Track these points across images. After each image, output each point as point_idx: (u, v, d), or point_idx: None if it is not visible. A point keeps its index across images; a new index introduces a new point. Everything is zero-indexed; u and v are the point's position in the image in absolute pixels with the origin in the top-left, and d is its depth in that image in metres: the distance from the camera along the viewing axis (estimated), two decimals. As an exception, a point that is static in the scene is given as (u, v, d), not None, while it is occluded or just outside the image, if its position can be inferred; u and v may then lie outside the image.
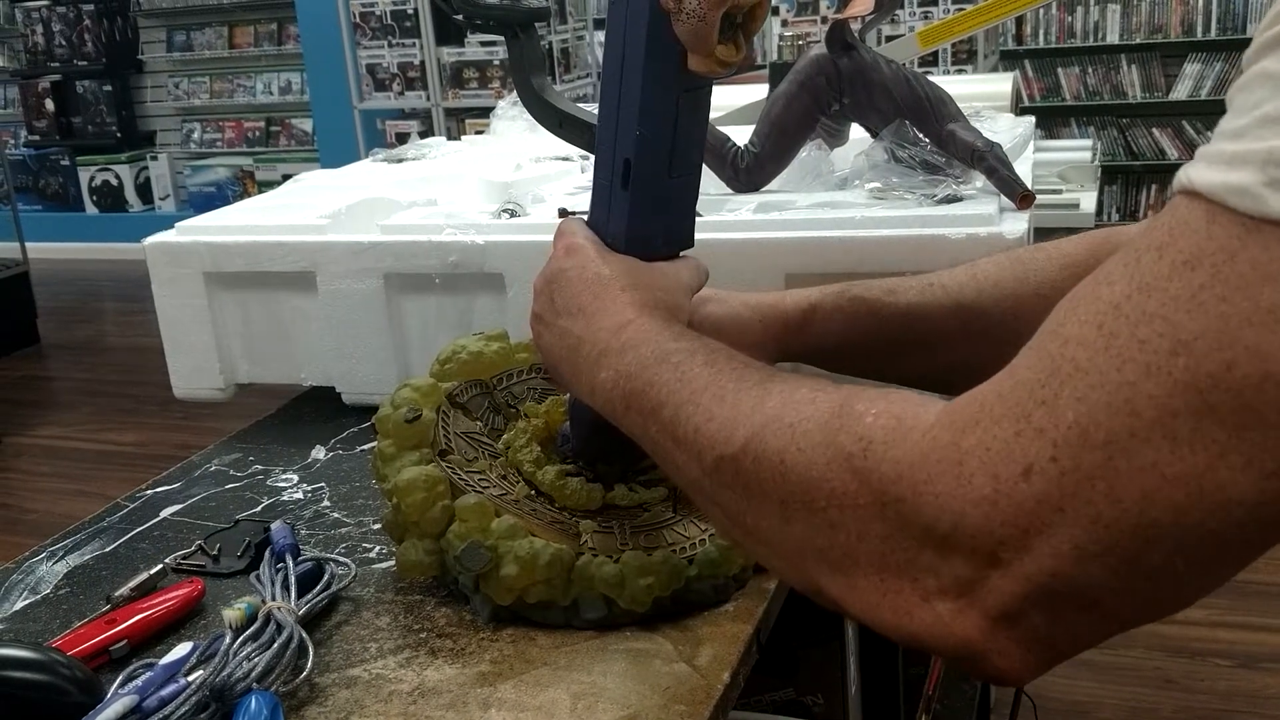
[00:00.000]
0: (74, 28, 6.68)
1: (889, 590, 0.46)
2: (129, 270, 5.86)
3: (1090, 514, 0.41)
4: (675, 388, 0.59)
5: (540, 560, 0.76)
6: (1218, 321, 0.38)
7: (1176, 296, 0.39)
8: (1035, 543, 0.42)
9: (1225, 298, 0.38)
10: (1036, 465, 0.41)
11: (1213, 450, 0.39)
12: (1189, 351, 0.39)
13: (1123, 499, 0.40)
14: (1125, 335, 0.40)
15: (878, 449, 0.47)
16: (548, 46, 5.01)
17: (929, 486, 0.44)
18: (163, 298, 1.22)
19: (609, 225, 0.75)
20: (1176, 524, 0.40)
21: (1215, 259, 0.39)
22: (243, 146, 6.69)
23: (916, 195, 1.10)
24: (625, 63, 0.71)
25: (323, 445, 1.13)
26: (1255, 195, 0.38)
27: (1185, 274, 0.39)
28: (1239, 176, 0.39)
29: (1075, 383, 0.41)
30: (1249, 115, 0.39)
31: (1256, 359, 0.38)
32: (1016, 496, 0.42)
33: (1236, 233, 0.39)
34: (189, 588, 0.85)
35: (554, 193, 1.27)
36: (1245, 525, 0.40)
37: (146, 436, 3.97)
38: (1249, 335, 0.38)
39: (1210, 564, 0.41)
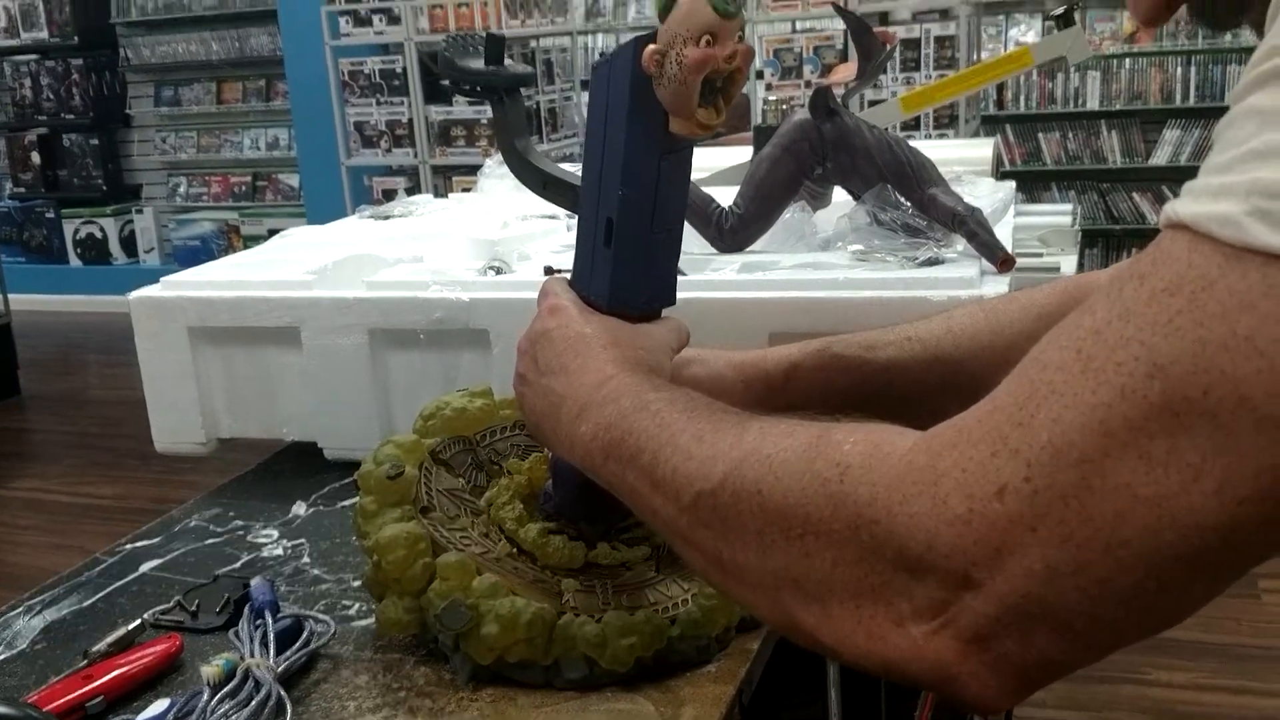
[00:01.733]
0: (62, 81, 6.72)
1: (864, 616, 0.46)
2: (112, 323, 5.85)
3: (1062, 533, 0.41)
4: (654, 433, 0.60)
5: (521, 619, 0.76)
6: (1194, 346, 0.39)
7: (1154, 321, 0.40)
8: (1008, 562, 0.42)
9: (1202, 324, 0.39)
10: (1010, 485, 0.42)
11: (1186, 473, 0.39)
12: (1165, 375, 0.39)
13: (1095, 518, 0.41)
14: (1102, 359, 0.41)
15: (855, 473, 0.47)
16: (535, 106, 5.07)
17: (904, 507, 0.45)
18: (146, 352, 1.22)
19: (592, 282, 0.76)
20: (1148, 545, 0.40)
21: (1194, 286, 0.40)
22: (229, 201, 6.71)
23: (898, 258, 1.11)
24: (609, 124, 0.72)
25: (303, 501, 1.13)
26: (1237, 224, 0.39)
27: (1164, 300, 0.40)
28: (1223, 207, 0.39)
29: (1051, 404, 0.42)
30: (1235, 150, 0.40)
31: (1231, 385, 0.38)
32: (990, 516, 0.42)
33: (1217, 261, 0.39)
34: (167, 643, 0.84)
35: (540, 250, 1.27)
36: (1216, 550, 0.40)
37: (126, 490, 3.94)
38: (1225, 361, 0.38)
39: (1181, 588, 0.42)
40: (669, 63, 0.67)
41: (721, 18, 0.66)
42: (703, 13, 0.66)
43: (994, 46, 5.53)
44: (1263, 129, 0.39)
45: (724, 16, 0.66)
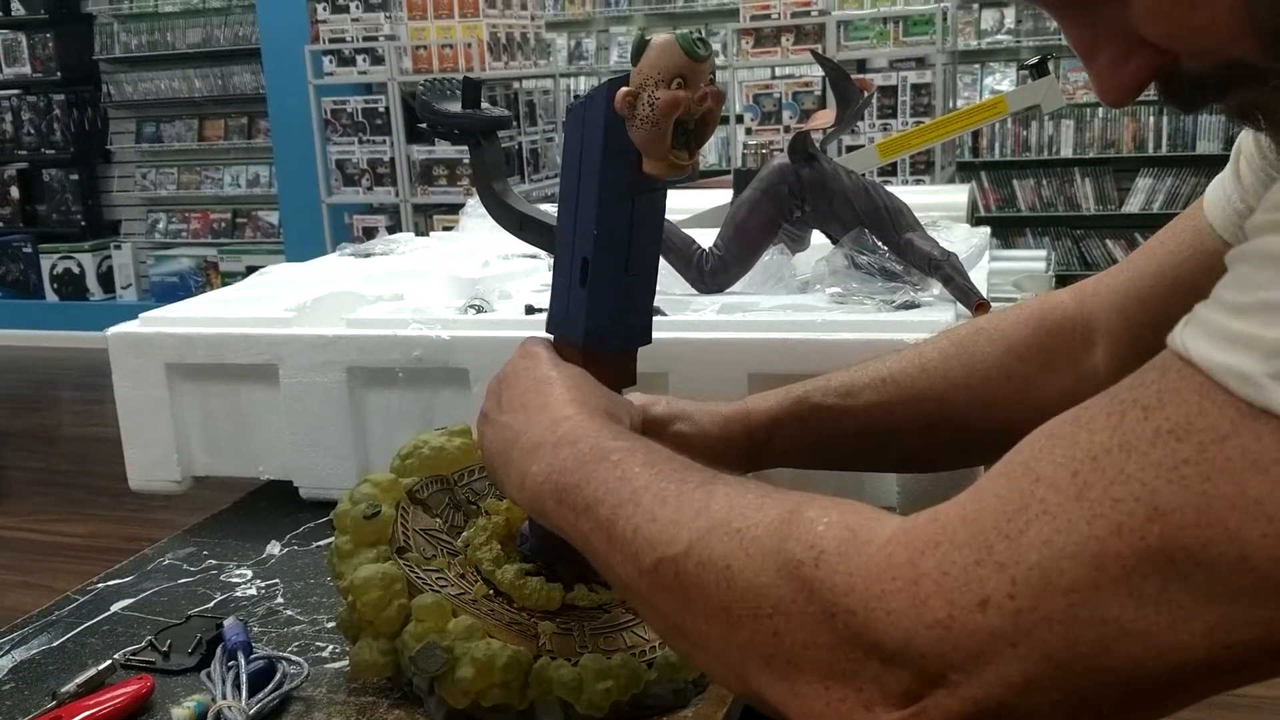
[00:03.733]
0: (44, 116, 6.71)
1: (833, 699, 0.46)
2: (87, 359, 5.81)
3: (1044, 652, 0.41)
4: (614, 486, 0.59)
5: (497, 662, 0.75)
6: (1199, 499, 0.39)
7: (1159, 464, 0.40)
8: (985, 671, 0.42)
9: (1210, 478, 0.39)
10: (994, 600, 0.42)
11: (1177, 614, 0.39)
12: (1165, 521, 0.39)
13: (1079, 645, 0.41)
14: (1099, 490, 0.41)
15: (830, 560, 0.46)
16: (518, 147, 5.09)
17: (882, 603, 0.44)
18: (123, 388, 1.22)
19: (568, 321, 0.76)
20: (1131, 673, 0.40)
21: (1204, 437, 0.39)
22: (208, 238, 6.70)
23: (875, 301, 1.12)
24: (583, 165, 0.73)
25: (278, 541, 1.12)
26: (1258, 385, 0.38)
27: (1170, 443, 0.40)
28: (1240, 361, 0.39)
29: (1042, 525, 0.42)
30: (1254, 294, 0.40)
31: (1235, 543, 0.38)
32: (971, 626, 0.42)
33: (1230, 415, 0.39)
34: (138, 685, 0.83)
35: (521, 290, 1.28)
36: (1200, 678, 0.41)
37: (97, 529, 3.89)
38: (1231, 519, 0.38)
39: (1159, 704, 0.42)
40: (641, 104, 0.68)
41: (692, 61, 0.67)
42: (674, 56, 0.67)
43: (969, 95, 5.60)
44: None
45: (695, 60, 0.67)
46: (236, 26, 6.29)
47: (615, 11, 6.34)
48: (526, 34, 5.17)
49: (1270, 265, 0.40)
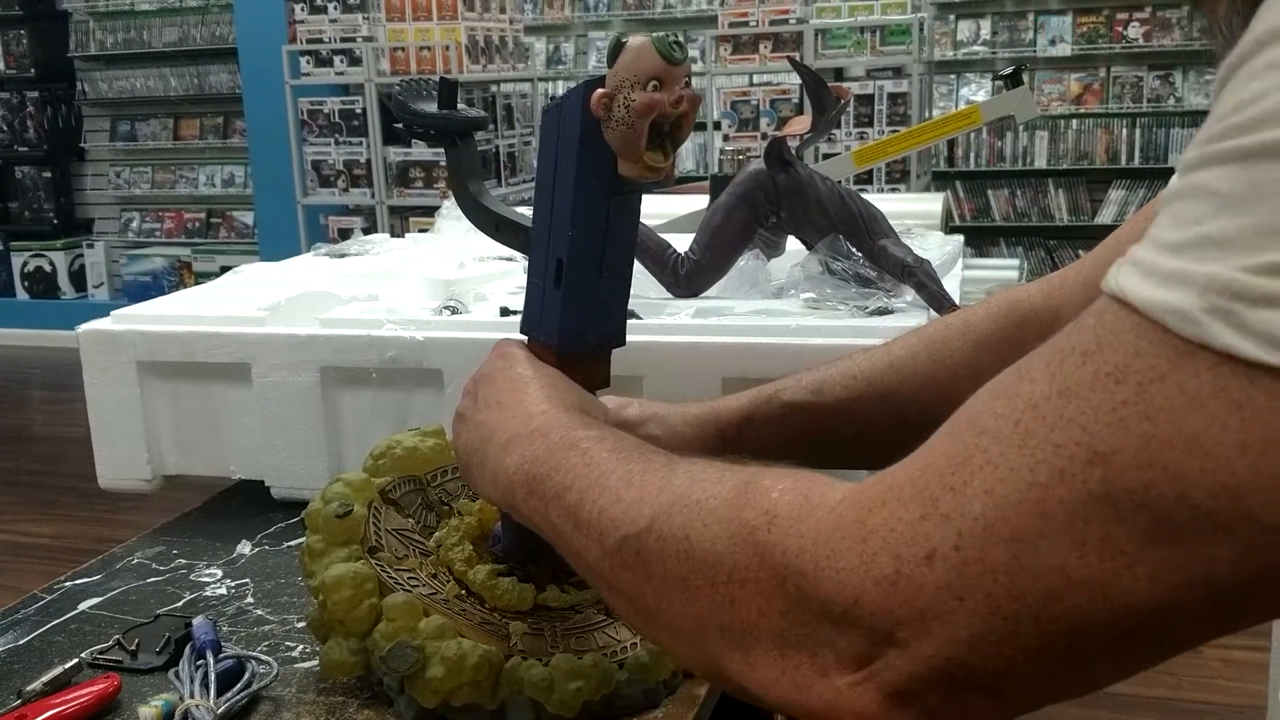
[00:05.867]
0: (17, 114, 6.65)
1: (788, 666, 0.46)
2: (57, 358, 5.76)
3: (990, 605, 0.41)
4: (581, 472, 0.59)
5: (468, 662, 0.75)
6: (1139, 440, 0.39)
7: (1098, 408, 0.39)
8: (933, 627, 0.42)
9: (1149, 418, 0.38)
10: (940, 551, 0.42)
11: (1120, 560, 0.39)
12: (1106, 464, 0.39)
13: (1025, 595, 0.40)
14: (1040, 437, 0.41)
15: (782, 524, 0.47)
16: (495, 150, 5.08)
17: (831, 562, 0.44)
18: (94, 386, 1.21)
19: (543, 323, 0.76)
20: (1078, 623, 0.40)
21: (1142, 377, 0.39)
22: (182, 237, 6.65)
23: (849, 306, 1.12)
24: (558, 167, 0.73)
25: (249, 540, 1.11)
26: (1195, 321, 0.38)
27: (1110, 386, 0.39)
28: (1177, 297, 0.38)
29: (985, 475, 0.42)
30: (1188, 230, 0.39)
31: (1175, 481, 0.38)
32: (917, 580, 0.42)
33: (1168, 354, 0.38)
34: (105, 683, 0.82)
35: (496, 291, 1.28)
36: (1149, 629, 0.41)
37: (65, 529, 3.86)
38: (1169, 458, 0.38)
39: (1112, 659, 0.42)
40: (617, 106, 0.68)
41: (668, 64, 0.68)
42: (650, 58, 0.68)
43: (945, 104, 5.64)
44: (1218, 213, 0.38)
45: (670, 63, 0.68)
46: (213, 26, 6.25)
47: (594, 16, 6.35)
48: (505, 37, 5.17)
49: (1202, 199, 0.39)
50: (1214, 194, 0.38)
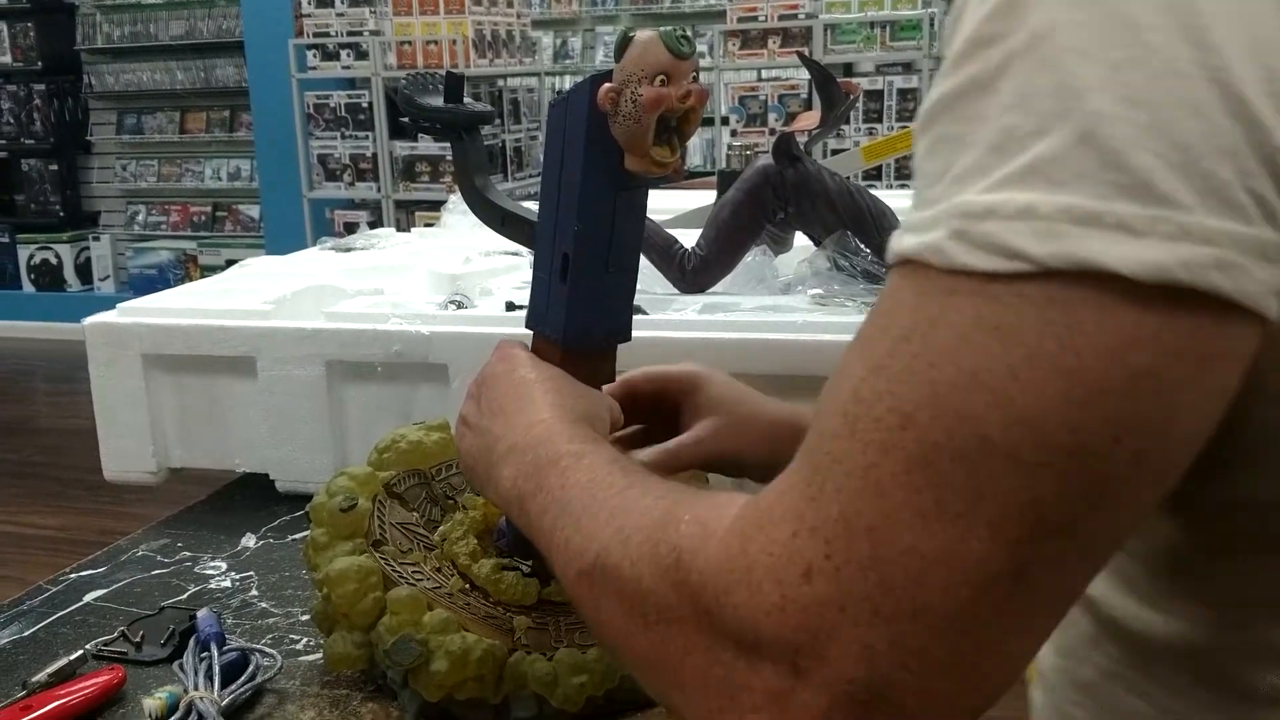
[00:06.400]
0: (24, 106, 6.66)
1: (713, 708, 0.44)
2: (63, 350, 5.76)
3: (869, 608, 0.40)
4: (557, 495, 0.58)
5: (472, 656, 0.75)
6: (929, 389, 0.38)
7: (900, 371, 0.39)
8: (827, 648, 0.40)
9: (934, 364, 0.38)
10: (814, 565, 0.40)
11: (959, 524, 0.38)
12: (913, 424, 0.39)
13: (894, 587, 0.39)
14: (864, 418, 0.40)
15: (686, 559, 0.45)
16: (501, 145, 5.08)
17: (728, 597, 0.43)
18: (99, 379, 1.21)
19: (548, 317, 0.76)
20: (950, 606, 0.39)
21: (924, 327, 0.39)
22: (188, 231, 6.66)
23: (857, 303, 1.12)
24: (565, 161, 0.73)
25: (253, 533, 1.11)
26: (940, 249, 0.39)
27: (903, 346, 0.39)
28: (931, 236, 0.39)
29: (834, 474, 0.41)
30: (940, 181, 0.40)
31: (969, 424, 0.38)
32: (801, 601, 0.40)
33: (937, 298, 0.39)
34: (109, 675, 0.82)
35: (502, 286, 1.28)
36: (1016, 597, 0.39)
37: (71, 521, 3.86)
38: (958, 400, 0.38)
39: (998, 645, 0.40)
40: (624, 101, 0.68)
41: (676, 58, 0.67)
42: (658, 53, 0.67)
43: (954, 101, 5.62)
44: (955, 155, 0.39)
45: (678, 57, 0.68)
46: (220, 19, 6.25)
47: (601, 10, 6.34)
48: (512, 31, 5.17)
49: (940, 150, 0.40)
50: (947, 140, 0.40)
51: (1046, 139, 0.37)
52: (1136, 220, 0.36)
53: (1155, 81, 0.37)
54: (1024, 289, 0.37)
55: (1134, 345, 0.37)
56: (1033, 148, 0.38)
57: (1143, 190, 0.36)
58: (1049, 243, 0.37)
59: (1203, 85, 0.36)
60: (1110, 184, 0.37)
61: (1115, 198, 0.36)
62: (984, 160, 0.39)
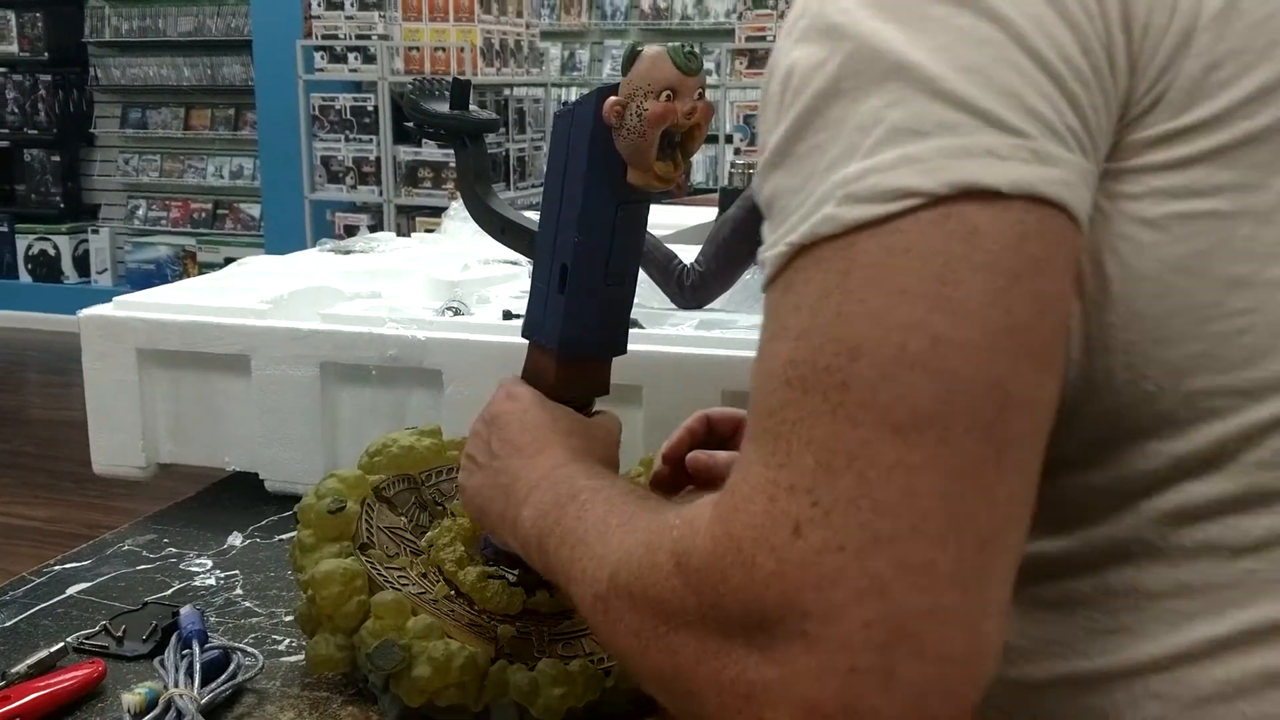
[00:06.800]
0: (29, 96, 6.66)
1: (732, 712, 0.44)
2: (58, 342, 5.75)
3: (868, 536, 0.41)
4: (573, 526, 0.59)
5: (454, 663, 0.75)
6: (867, 319, 0.43)
7: (830, 322, 0.43)
8: (834, 594, 0.41)
9: (863, 299, 0.43)
10: (802, 518, 0.42)
11: (936, 424, 0.41)
12: (863, 351, 0.42)
13: (888, 506, 0.41)
14: (811, 374, 0.43)
15: (681, 560, 0.47)
16: (505, 154, 5.09)
17: (726, 584, 0.44)
18: (93, 371, 1.21)
19: (544, 327, 0.76)
20: (946, 509, 0.41)
21: (836, 283, 0.44)
22: (187, 227, 6.66)
23: (853, 325, 1.12)
24: (567, 172, 0.73)
25: (240, 532, 1.11)
26: (834, 217, 0.44)
27: (824, 304, 0.44)
28: (819, 214, 0.44)
29: (797, 433, 0.43)
30: (802, 190, 0.45)
31: (917, 331, 0.42)
32: (796, 557, 0.41)
33: (841, 258, 0.44)
34: (89, 669, 0.82)
35: (500, 294, 1.28)
36: (1002, 484, 0.42)
37: (59, 513, 3.85)
38: (900, 315, 0.42)
39: (998, 541, 0.42)
40: (629, 115, 0.68)
41: (683, 74, 0.68)
42: (664, 68, 0.68)
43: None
44: (818, 160, 0.45)
45: (685, 73, 0.68)
46: (229, 17, 6.26)
47: (611, 24, 6.36)
48: (521, 41, 5.18)
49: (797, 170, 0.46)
50: (805, 156, 0.46)
51: (900, 108, 0.43)
52: (1000, 147, 0.43)
53: (976, 49, 0.43)
54: (921, 216, 0.42)
55: (1024, 239, 0.43)
56: (890, 117, 0.44)
57: (998, 124, 0.43)
58: (932, 176, 0.42)
59: (1010, 48, 0.43)
60: (968, 124, 0.43)
61: (978, 133, 0.43)
62: (850, 143, 0.44)
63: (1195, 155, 0.46)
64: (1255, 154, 0.46)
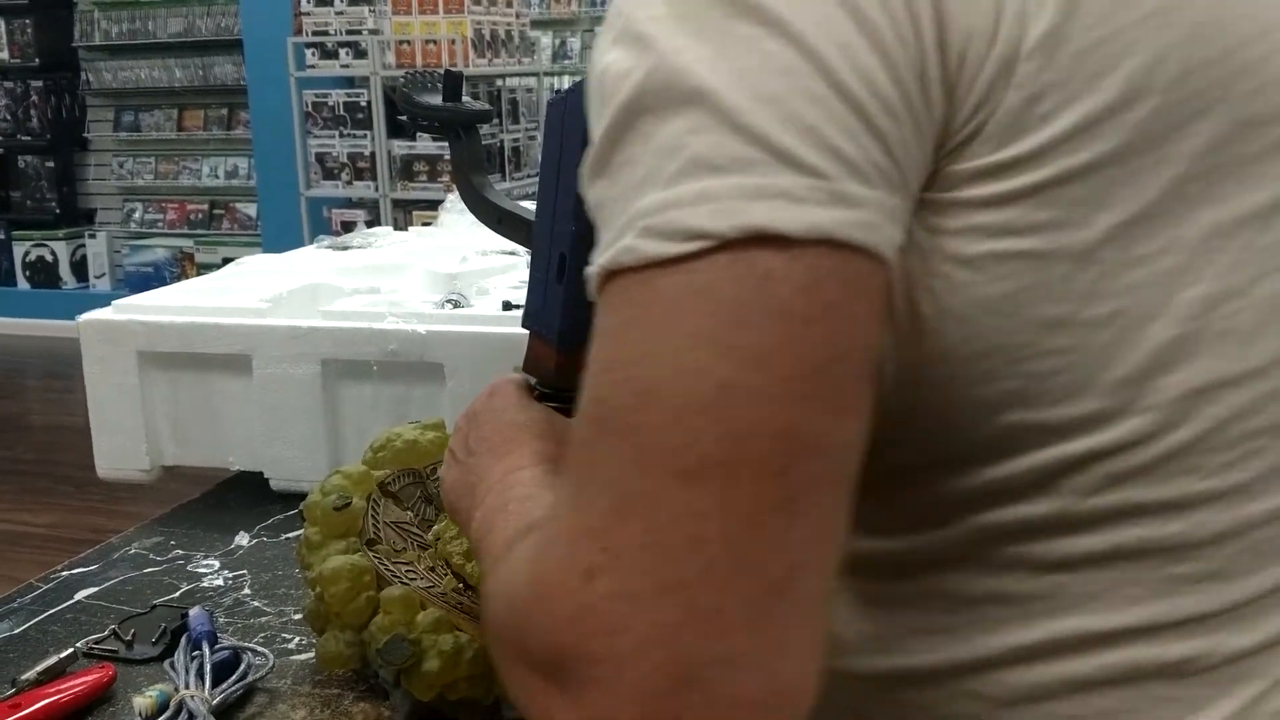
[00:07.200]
0: (20, 103, 6.64)
1: None
2: (57, 347, 5.75)
3: (654, 584, 0.40)
4: (493, 541, 0.58)
5: (465, 656, 0.75)
6: (656, 360, 0.41)
7: (626, 359, 0.43)
8: (624, 642, 0.40)
9: (657, 338, 0.42)
10: (595, 563, 0.41)
11: (723, 471, 0.40)
12: (653, 395, 0.41)
13: (674, 553, 0.40)
14: (609, 413, 0.42)
15: (510, 596, 0.46)
16: (499, 145, 5.08)
17: (531, 625, 0.43)
18: (93, 375, 1.20)
19: (544, 317, 0.76)
20: (734, 555, 0.40)
21: (636, 318, 0.43)
22: (184, 228, 6.65)
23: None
24: (562, 160, 0.73)
25: (247, 532, 1.11)
26: (634, 249, 0.43)
27: (624, 338, 0.43)
28: (623, 243, 0.43)
29: (595, 475, 0.42)
30: (619, 203, 0.45)
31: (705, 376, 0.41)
32: (589, 602, 0.40)
33: (640, 291, 0.43)
34: (100, 673, 0.82)
35: (499, 285, 1.27)
36: (795, 528, 0.40)
37: (61, 519, 3.86)
38: (687, 359, 0.41)
39: (793, 587, 0.41)
40: None
41: None
42: None
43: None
44: (631, 174, 0.44)
45: None
46: (219, 17, 6.24)
47: (600, 11, 6.34)
48: (511, 31, 5.16)
49: (617, 179, 0.46)
50: (622, 166, 0.45)
51: (700, 137, 0.42)
52: (796, 188, 0.41)
53: (778, 78, 0.42)
54: (715, 258, 0.41)
55: (819, 284, 0.41)
56: (691, 146, 0.42)
57: (794, 164, 0.41)
58: (725, 218, 0.41)
59: (814, 79, 0.42)
60: (765, 162, 0.41)
61: (773, 173, 0.41)
62: (655, 165, 0.43)
63: (1013, 192, 0.44)
64: (1075, 191, 0.45)
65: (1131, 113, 0.45)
